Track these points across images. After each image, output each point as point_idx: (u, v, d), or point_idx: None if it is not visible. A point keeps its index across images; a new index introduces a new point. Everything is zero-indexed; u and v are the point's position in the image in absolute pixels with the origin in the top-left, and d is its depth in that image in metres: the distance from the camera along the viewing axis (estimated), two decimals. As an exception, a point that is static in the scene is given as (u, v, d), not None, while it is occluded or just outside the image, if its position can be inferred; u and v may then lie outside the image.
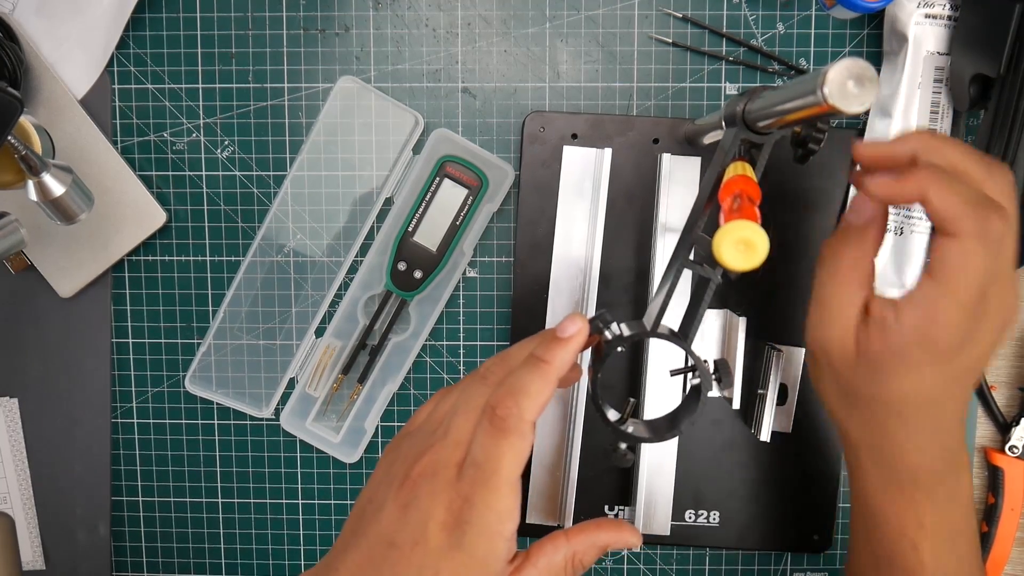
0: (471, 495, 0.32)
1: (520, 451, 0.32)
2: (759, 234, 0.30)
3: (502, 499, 0.32)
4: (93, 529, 0.54)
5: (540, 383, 0.33)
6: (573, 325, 0.34)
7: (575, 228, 0.50)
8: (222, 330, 0.52)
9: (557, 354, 0.34)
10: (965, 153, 0.33)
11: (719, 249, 0.30)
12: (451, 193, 0.50)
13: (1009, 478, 0.51)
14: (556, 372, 0.33)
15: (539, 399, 0.32)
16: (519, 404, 0.32)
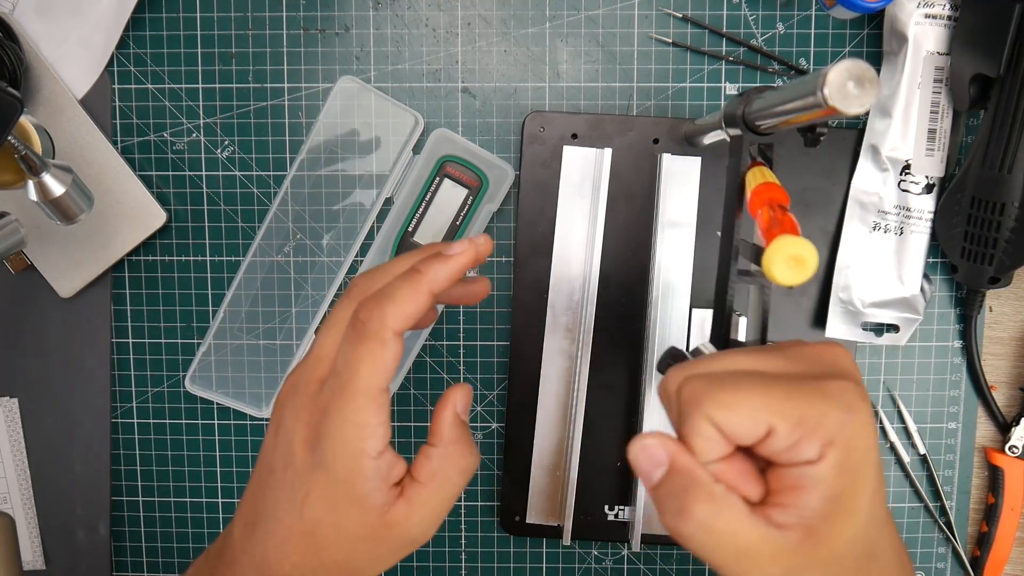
0: (328, 406, 0.30)
1: (380, 359, 0.30)
2: (809, 249, 0.30)
3: (359, 410, 0.30)
4: (93, 529, 0.54)
5: (408, 290, 0.31)
6: (461, 246, 0.33)
7: (575, 228, 0.50)
8: (222, 330, 0.52)
9: (433, 266, 0.32)
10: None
11: (770, 268, 0.30)
12: (451, 193, 0.50)
13: (1009, 478, 0.51)
14: (428, 285, 0.31)
15: (404, 306, 0.30)
16: (382, 308, 0.30)
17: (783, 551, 0.27)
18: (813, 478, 0.26)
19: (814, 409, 0.26)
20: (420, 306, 0.31)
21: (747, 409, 0.26)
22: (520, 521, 0.52)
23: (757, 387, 0.27)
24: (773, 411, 0.26)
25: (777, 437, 0.26)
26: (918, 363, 0.52)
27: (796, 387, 0.27)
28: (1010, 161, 0.45)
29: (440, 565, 0.54)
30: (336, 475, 0.30)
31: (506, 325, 0.52)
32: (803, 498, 0.27)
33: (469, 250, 0.33)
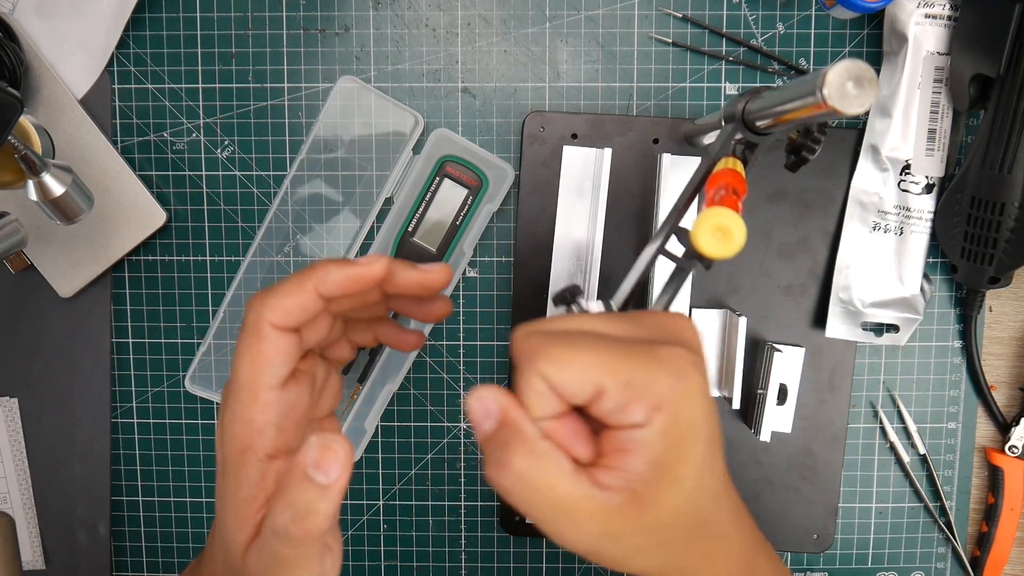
0: (224, 400, 0.31)
1: (259, 353, 0.29)
2: (736, 221, 0.30)
3: (243, 407, 0.29)
4: (93, 529, 0.54)
5: (291, 286, 0.30)
6: (370, 259, 0.32)
7: (575, 228, 0.50)
8: (222, 330, 0.52)
9: (328, 267, 0.31)
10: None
11: (696, 235, 0.30)
12: (451, 193, 0.50)
13: (1009, 478, 0.51)
14: (315, 281, 0.30)
15: (285, 300, 0.30)
16: (263, 301, 0.30)
17: (603, 511, 0.26)
18: (638, 441, 0.26)
19: (644, 372, 0.26)
20: (303, 302, 0.30)
21: (578, 367, 0.26)
22: (520, 521, 0.52)
23: (591, 347, 0.27)
24: (604, 371, 0.26)
25: (607, 398, 0.26)
26: (918, 363, 0.52)
27: (630, 349, 0.27)
28: (1010, 161, 0.45)
29: (440, 565, 0.54)
30: (227, 472, 0.30)
31: (506, 325, 0.52)
32: (628, 461, 0.26)
33: (376, 265, 0.31)
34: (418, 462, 0.53)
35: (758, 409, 0.49)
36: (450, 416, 0.53)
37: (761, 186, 0.49)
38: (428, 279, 0.33)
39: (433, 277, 0.33)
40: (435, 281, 0.34)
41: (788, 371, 0.49)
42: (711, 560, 0.29)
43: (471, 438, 0.53)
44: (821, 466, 0.51)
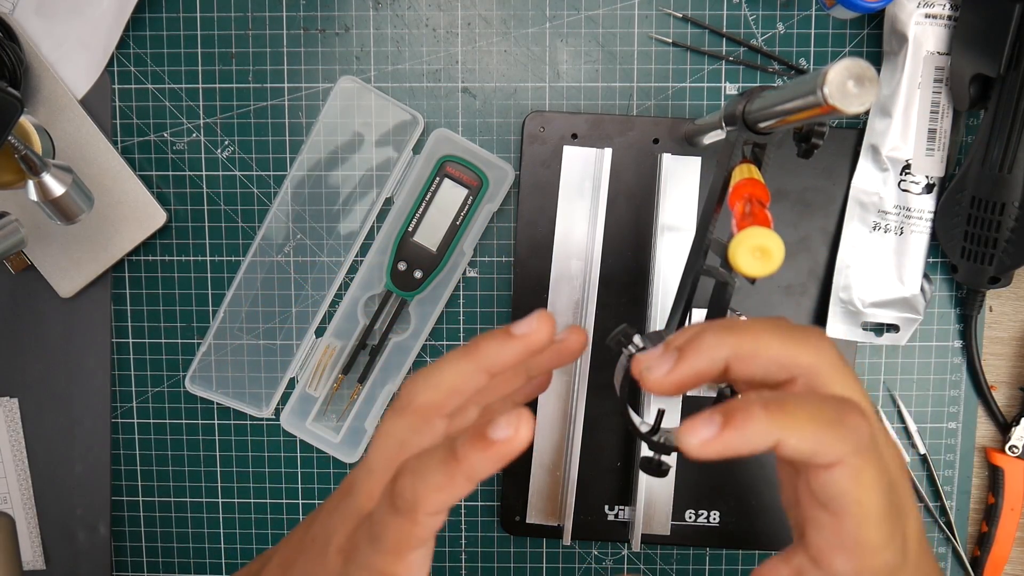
0: (362, 542, 0.29)
1: (410, 535, 0.27)
2: (775, 240, 0.30)
3: (386, 562, 0.28)
4: (93, 529, 0.54)
5: (443, 480, 0.27)
6: (507, 428, 0.26)
7: (575, 228, 0.50)
8: (222, 330, 0.52)
9: (474, 459, 0.27)
10: (783, 343, 0.28)
11: (735, 257, 0.30)
12: (451, 193, 0.50)
13: (1009, 478, 0.51)
14: (467, 476, 0.27)
15: (439, 496, 0.27)
16: (415, 491, 0.27)
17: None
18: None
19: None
20: (457, 494, 0.27)
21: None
22: (520, 521, 0.52)
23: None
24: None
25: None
26: (918, 363, 0.52)
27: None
28: (1010, 161, 0.45)
29: (440, 565, 0.54)
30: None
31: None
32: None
33: (521, 431, 0.27)
34: (418, 462, 0.53)
35: (758, 409, 0.49)
36: (450, 416, 0.53)
37: (761, 186, 0.49)
38: (567, 349, 0.31)
39: (571, 345, 0.31)
40: (573, 347, 0.31)
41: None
42: None
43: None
44: (821, 466, 0.51)
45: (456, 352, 0.29)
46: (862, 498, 0.25)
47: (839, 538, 0.26)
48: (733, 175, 0.35)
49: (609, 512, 0.52)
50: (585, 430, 0.50)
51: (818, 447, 0.25)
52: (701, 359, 0.28)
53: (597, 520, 0.51)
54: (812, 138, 0.36)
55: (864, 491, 0.26)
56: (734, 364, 0.28)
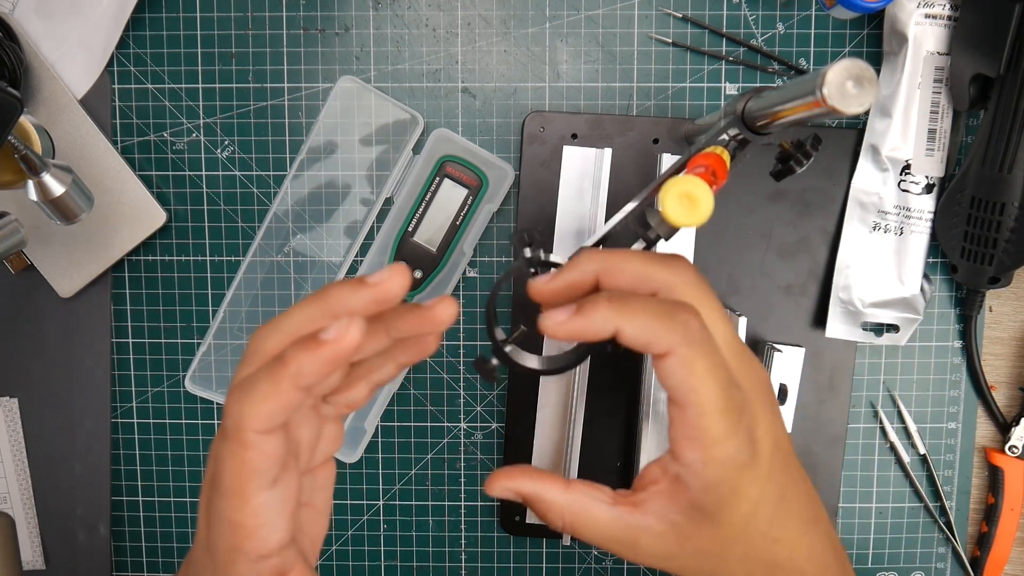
0: (211, 498, 0.28)
1: (245, 461, 0.27)
2: (704, 190, 0.30)
3: (231, 510, 0.27)
4: (93, 529, 0.54)
5: (268, 387, 0.27)
6: (336, 329, 0.27)
7: (575, 228, 0.50)
8: (222, 330, 0.52)
9: (300, 359, 0.26)
10: (644, 261, 0.32)
11: (663, 201, 0.31)
12: (451, 193, 0.50)
13: (1009, 478, 0.51)
14: (292, 379, 0.27)
15: (264, 406, 0.27)
16: (240, 406, 0.27)
17: (648, 538, 0.33)
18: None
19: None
20: (284, 402, 0.27)
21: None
22: (520, 521, 0.52)
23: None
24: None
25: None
26: (918, 363, 0.52)
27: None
28: (1010, 161, 0.45)
29: (440, 565, 0.54)
30: (217, 566, 0.29)
31: (506, 325, 0.52)
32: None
33: (348, 334, 0.26)
34: (418, 462, 0.53)
35: (758, 409, 0.49)
36: (450, 416, 0.53)
37: (761, 186, 0.49)
38: (433, 316, 0.30)
39: (437, 313, 0.30)
40: (440, 316, 0.30)
41: (788, 371, 0.49)
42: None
43: (471, 438, 0.53)
44: (821, 466, 0.51)
45: (306, 299, 0.29)
46: (696, 386, 0.29)
47: (684, 428, 0.30)
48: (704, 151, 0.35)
49: (609, 512, 0.51)
50: (585, 430, 0.50)
51: (650, 336, 0.29)
52: (574, 272, 0.32)
53: (597, 520, 0.51)
54: (791, 162, 0.36)
55: (697, 380, 0.29)
56: (602, 277, 0.32)
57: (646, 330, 0.29)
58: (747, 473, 0.30)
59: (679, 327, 0.29)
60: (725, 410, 0.29)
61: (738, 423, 0.30)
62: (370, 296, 0.29)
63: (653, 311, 0.30)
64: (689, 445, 0.30)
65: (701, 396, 0.29)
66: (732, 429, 0.30)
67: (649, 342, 0.29)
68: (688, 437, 0.30)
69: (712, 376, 0.29)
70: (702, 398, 0.29)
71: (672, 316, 0.30)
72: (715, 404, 0.29)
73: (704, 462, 0.30)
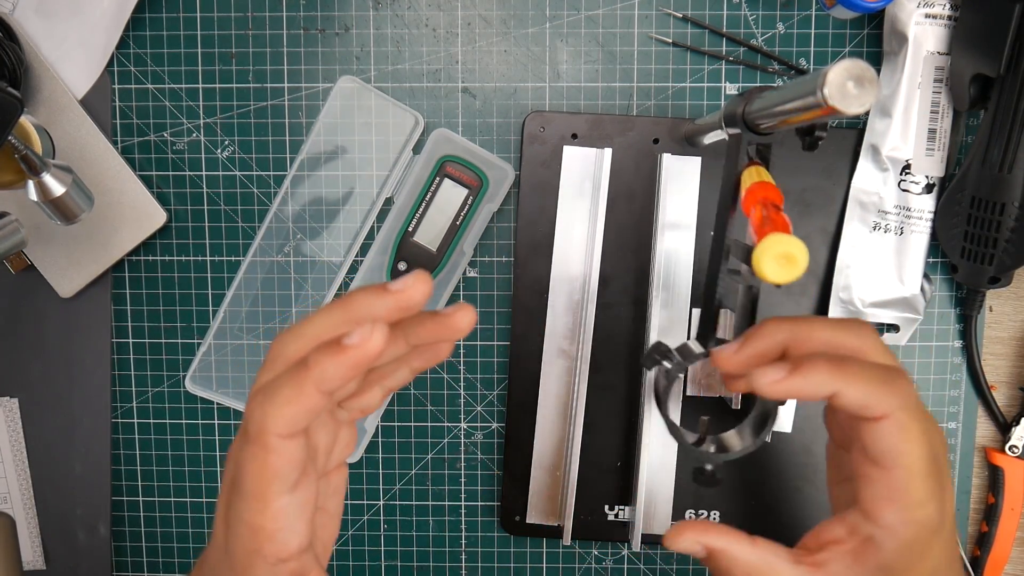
0: (230, 501, 0.29)
1: (267, 465, 0.27)
2: (799, 247, 0.30)
3: (252, 513, 0.28)
4: (93, 529, 0.54)
5: (291, 392, 0.27)
6: (360, 335, 0.26)
7: (575, 228, 0.50)
8: (222, 330, 0.52)
9: (324, 364, 0.27)
10: (832, 329, 0.33)
11: (760, 265, 0.30)
12: (451, 193, 0.50)
13: (1009, 478, 0.51)
14: (315, 384, 0.27)
15: (288, 409, 0.27)
16: (263, 411, 0.27)
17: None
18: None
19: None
20: (307, 406, 0.27)
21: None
22: (520, 521, 0.52)
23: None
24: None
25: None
26: (918, 363, 0.52)
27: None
28: (1010, 161, 0.45)
29: (440, 565, 0.54)
30: (235, 568, 0.29)
31: (506, 325, 0.52)
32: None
33: (371, 340, 0.26)
34: (418, 462, 0.53)
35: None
36: (450, 416, 0.53)
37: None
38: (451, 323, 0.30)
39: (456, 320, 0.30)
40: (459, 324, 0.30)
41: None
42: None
43: (471, 438, 0.53)
44: (822, 466, 0.51)
45: (328, 304, 0.29)
46: (908, 450, 0.30)
47: (888, 490, 0.31)
48: (743, 178, 0.35)
49: (609, 512, 0.52)
50: (585, 430, 0.50)
51: (870, 399, 0.30)
52: (765, 340, 0.34)
53: (597, 520, 0.51)
54: (816, 131, 0.36)
55: (910, 444, 0.30)
56: (791, 344, 0.34)
57: (867, 394, 0.30)
58: (937, 536, 0.31)
59: (899, 392, 0.31)
60: (930, 473, 0.31)
61: (937, 486, 0.31)
62: (393, 303, 0.28)
63: (873, 375, 0.31)
64: (891, 507, 0.31)
65: (912, 459, 0.30)
66: (933, 492, 0.31)
67: (868, 405, 0.30)
68: (890, 499, 0.31)
69: (924, 440, 0.31)
70: (913, 461, 0.30)
71: (891, 381, 0.31)
72: (923, 468, 0.30)
73: (905, 523, 0.31)
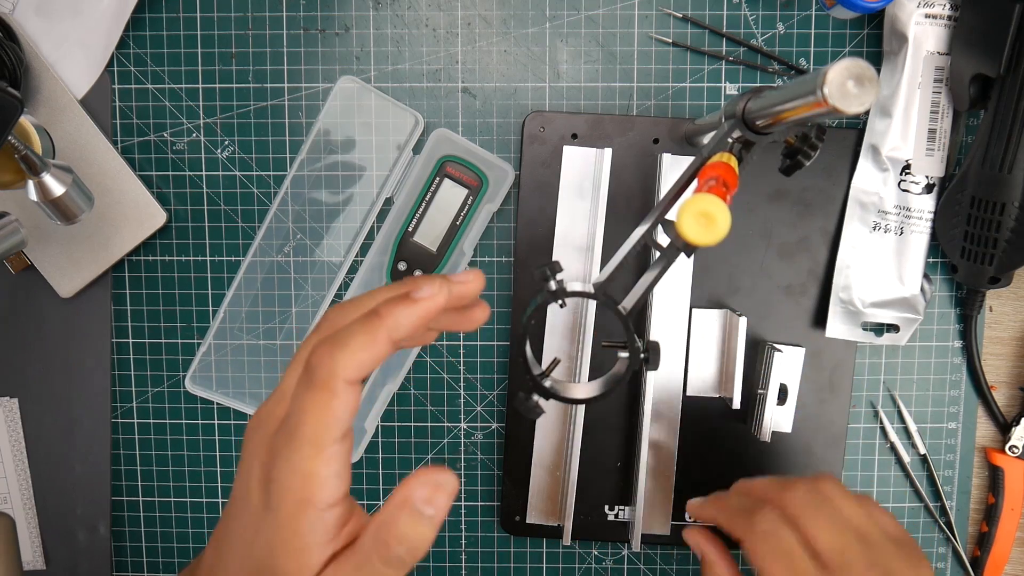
0: (279, 451, 0.29)
1: (330, 409, 0.28)
2: (721, 208, 0.30)
3: (305, 460, 0.29)
4: (93, 529, 0.54)
5: (364, 338, 0.29)
6: (430, 288, 0.30)
7: (575, 228, 0.50)
8: (222, 330, 0.52)
9: (397, 313, 0.29)
10: (789, 496, 0.40)
11: (680, 221, 0.31)
12: (451, 193, 0.50)
13: (1009, 478, 0.51)
14: (388, 331, 0.29)
15: (359, 355, 0.28)
16: (333, 357, 0.28)
17: None
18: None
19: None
20: (377, 354, 0.29)
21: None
22: (520, 521, 0.52)
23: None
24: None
25: None
26: (918, 363, 0.52)
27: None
28: (1010, 161, 0.45)
29: (440, 565, 0.54)
30: (280, 520, 0.29)
31: (506, 325, 0.52)
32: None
33: (439, 295, 0.30)
34: (418, 462, 0.53)
35: (758, 409, 0.49)
36: (450, 416, 0.53)
37: (761, 186, 0.49)
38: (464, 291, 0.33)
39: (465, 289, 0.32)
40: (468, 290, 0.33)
41: (788, 371, 0.49)
42: None
43: (471, 438, 0.53)
44: (821, 466, 0.51)
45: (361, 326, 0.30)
46: (765, 568, 0.37)
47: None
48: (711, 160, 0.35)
49: (609, 512, 0.52)
50: (585, 430, 0.50)
51: (730, 528, 0.40)
52: (739, 499, 0.44)
53: (597, 520, 0.51)
54: (798, 156, 0.36)
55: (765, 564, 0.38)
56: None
57: (729, 524, 0.41)
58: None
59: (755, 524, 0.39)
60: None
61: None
62: (455, 292, 0.32)
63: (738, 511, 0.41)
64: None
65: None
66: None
67: (730, 530, 0.40)
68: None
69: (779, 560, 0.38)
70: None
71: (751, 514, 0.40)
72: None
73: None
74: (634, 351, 0.36)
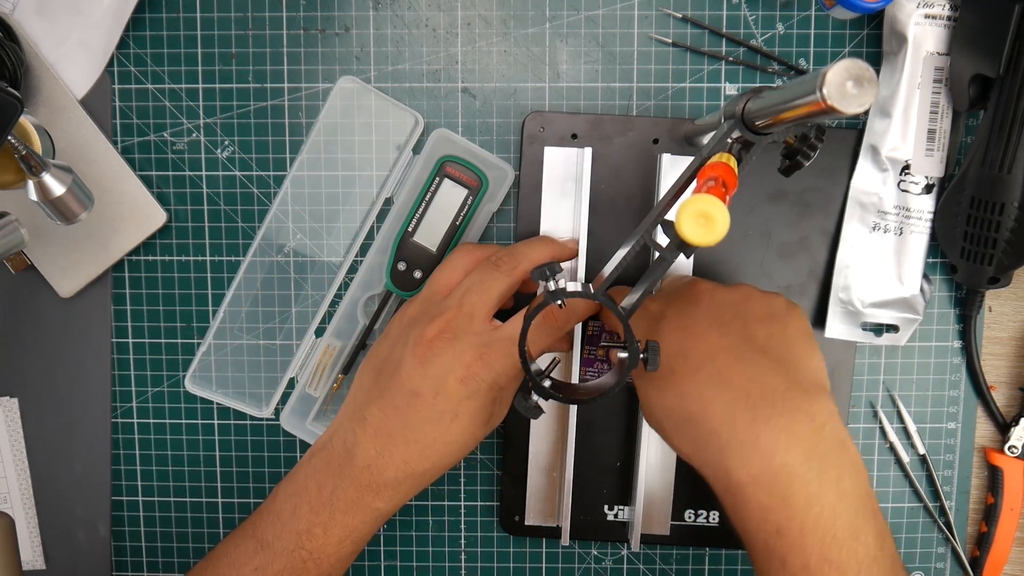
0: (490, 360, 0.40)
1: (508, 285, 0.44)
2: (720, 209, 0.30)
3: (510, 358, 0.40)
4: (93, 529, 0.54)
5: (553, 248, 0.46)
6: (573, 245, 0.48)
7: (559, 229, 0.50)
8: (222, 330, 0.52)
9: (558, 241, 0.48)
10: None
11: (680, 221, 0.31)
12: (451, 193, 0.50)
13: (1009, 478, 0.51)
14: (562, 249, 0.47)
15: (541, 255, 0.45)
16: (530, 255, 0.45)
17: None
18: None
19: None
20: (551, 255, 0.45)
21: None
22: (519, 521, 0.52)
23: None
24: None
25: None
26: (918, 363, 0.52)
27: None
28: (1010, 161, 0.45)
29: (440, 565, 0.54)
30: (483, 405, 0.41)
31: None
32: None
33: (571, 242, 0.48)
34: (418, 462, 0.53)
35: (758, 409, 0.49)
36: (450, 416, 0.53)
37: (761, 186, 0.49)
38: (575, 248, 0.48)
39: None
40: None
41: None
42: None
43: (471, 438, 0.53)
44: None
45: (539, 240, 0.47)
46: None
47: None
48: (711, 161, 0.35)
49: (608, 512, 0.52)
50: (584, 431, 0.50)
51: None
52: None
53: (596, 520, 0.51)
54: (798, 156, 0.36)
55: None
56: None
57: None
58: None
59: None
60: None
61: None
62: (571, 247, 0.48)
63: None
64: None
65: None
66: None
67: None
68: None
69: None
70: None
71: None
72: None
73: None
74: (633, 351, 0.36)
